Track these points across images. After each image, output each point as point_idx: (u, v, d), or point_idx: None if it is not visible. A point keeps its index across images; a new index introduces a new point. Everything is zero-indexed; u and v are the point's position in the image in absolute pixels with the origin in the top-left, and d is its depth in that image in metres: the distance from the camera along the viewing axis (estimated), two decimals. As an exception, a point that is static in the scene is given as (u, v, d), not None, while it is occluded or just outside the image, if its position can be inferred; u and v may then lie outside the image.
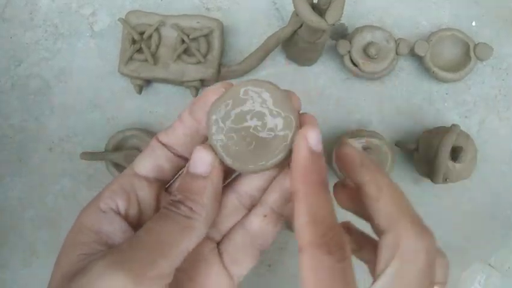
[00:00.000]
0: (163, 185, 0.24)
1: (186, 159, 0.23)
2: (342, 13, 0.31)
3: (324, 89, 0.41)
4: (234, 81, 0.26)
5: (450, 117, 0.41)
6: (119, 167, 0.38)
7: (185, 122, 0.22)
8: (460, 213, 0.40)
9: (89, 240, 0.20)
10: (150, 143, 0.23)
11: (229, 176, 0.25)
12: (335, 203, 0.22)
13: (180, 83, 0.39)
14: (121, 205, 0.22)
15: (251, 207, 0.24)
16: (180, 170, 0.24)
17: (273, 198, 0.23)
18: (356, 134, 0.37)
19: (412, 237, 0.19)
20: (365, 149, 0.37)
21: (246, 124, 0.21)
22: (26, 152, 0.41)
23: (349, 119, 0.41)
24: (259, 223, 0.23)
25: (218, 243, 0.24)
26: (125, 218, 0.22)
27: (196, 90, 0.39)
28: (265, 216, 0.23)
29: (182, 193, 0.21)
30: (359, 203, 0.22)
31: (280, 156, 0.21)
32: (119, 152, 0.38)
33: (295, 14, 0.34)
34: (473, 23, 0.41)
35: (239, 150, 0.21)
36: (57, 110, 0.41)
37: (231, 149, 0.21)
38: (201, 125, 0.22)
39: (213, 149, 0.21)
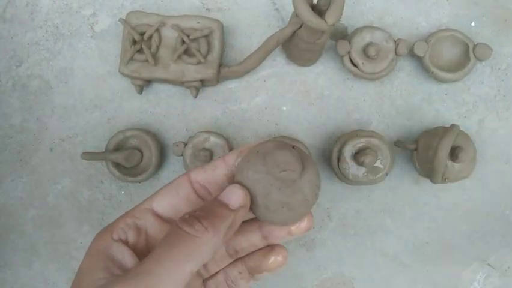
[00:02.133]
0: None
1: (204, 200, 0.25)
2: (341, 14, 0.31)
3: (324, 89, 0.41)
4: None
5: (449, 117, 0.41)
6: (120, 167, 0.38)
7: (229, 164, 0.24)
8: (459, 213, 0.41)
9: (105, 265, 0.22)
10: (177, 180, 0.25)
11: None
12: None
13: (180, 83, 0.39)
14: (131, 238, 0.23)
15: (234, 256, 0.27)
16: (193, 206, 0.25)
17: (250, 263, 0.26)
18: (356, 134, 0.38)
19: None
20: (365, 149, 0.37)
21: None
22: (27, 152, 0.41)
23: (349, 119, 0.41)
24: (235, 274, 0.27)
25: (203, 280, 0.27)
26: (133, 248, 0.23)
27: (197, 90, 0.39)
28: (240, 272, 0.26)
29: (203, 212, 0.21)
30: None
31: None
32: (120, 152, 0.38)
33: (295, 14, 0.34)
34: (473, 24, 0.41)
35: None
36: (58, 110, 0.41)
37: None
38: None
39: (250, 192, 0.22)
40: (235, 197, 0.22)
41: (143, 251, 0.24)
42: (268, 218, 0.23)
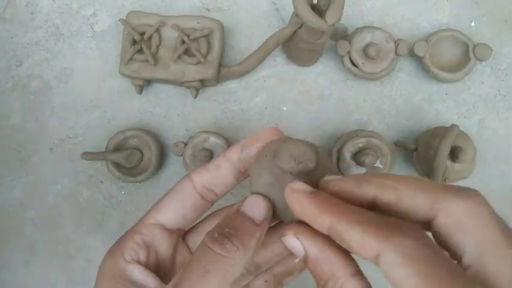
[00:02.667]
0: (182, 232, 0.25)
1: (211, 203, 0.24)
2: (341, 14, 0.31)
3: (324, 89, 0.41)
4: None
5: (449, 117, 0.41)
6: (120, 167, 0.38)
7: (233, 161, 0.23)
8: (459, 213, 0.40)
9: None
10: (180, 186, 0.23)
11: None
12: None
13: (180, 84, 0.39)
14: (142, 257, 0.23)
15: (254, 273, 0.25)
16: (201, 215, 0.24)
17: (278, 270, 0.25)
18: (356, 134, 0.37)
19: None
20: (365, 149, 0.37)
21: None
22: (27, 152, 0.41)
23: (349, 119, 0.41)
24: (260, 284, 0.26)
25: None
26: (146, 266, 0.23)
27: (197, 90, 0.39)
28: (266, 281, 0.25)
29: (231, 228, 0.20)
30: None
31: None
32: (120, 152, 0.38)
33: (295, 14, 0.34)
34: (473, 24, 0.41)
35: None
36: (58, 111, 0.41)
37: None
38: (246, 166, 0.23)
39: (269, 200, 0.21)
40: (259, 209, 0.21)
41: (155, 269, 0.23)
42: (293, 217, 0.21)
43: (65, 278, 0.40)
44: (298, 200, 0.19)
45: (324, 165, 0.22)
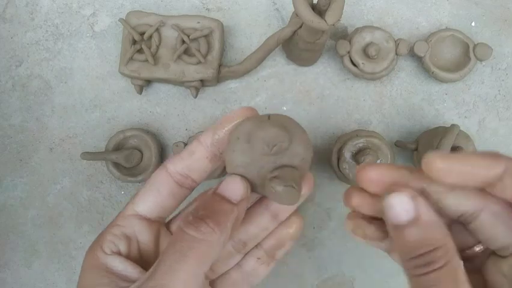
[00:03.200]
0: (163, 220, 0.25)
1: (190, 189, 0.24)
2: (341, 13, 0.31)
3: (324, 89, 0.41)
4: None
5: (449, 117, 0.41)
6: (120, 167, 0.38)
7: (207, 145, 0.23)
8: (459, 213, 0.40)
9: (109, 280, 0.21)
10: (156, 176, 0.23)
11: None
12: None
13: (180, 83, 0.39)
14: (123, 249, 0.23)
15: (243, 251, 0.25)
16: (180, 202, 0.24)
17: (268, 244, 0.25)
18: (356, 134, 0.37)
19: None
20: (365, 149, 0.37)
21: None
22: (27, 152, 0.41)
23: (349, 119, 0.41)
24: (253, 263, 0.25)
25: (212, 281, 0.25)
26: (127, 257, 0.23)
27: (196, 90, 0.39)
28: (258, 258, 0.25)
29: (206, 210, 0.20)
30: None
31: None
32: (120, 152, 0.38)
33: (295, 14, 0.34)
34: (473, 24, 0.41)
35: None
36: (58, 110, 0.41)
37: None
38: (222, 149, 0.22)
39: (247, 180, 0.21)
40: (235, 189, 0.21)
41: (137, 259, 0.23)
42: (274, 198, 0.22)
43: (65, 277, 0.40)
44: (380, 172, 0.20)
45: (297, 139, 0.22)
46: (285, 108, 0.41)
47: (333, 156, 0.38)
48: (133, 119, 0.41)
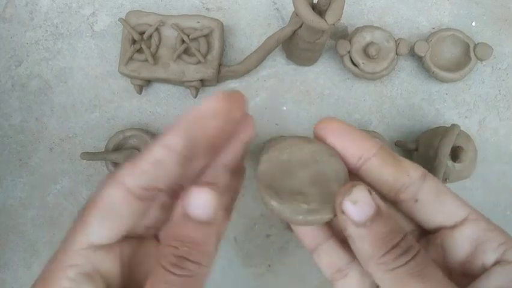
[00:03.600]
0: (127, 238, 0.20)
1: (155, 199, 0.20)
2: (342, 13, 0.31)
3: (324, 89, 0.41)
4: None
5: (450, 117, 0.41)
6: (119, 167, 0.38)
7: (176, 149, 0.18)
8: (459, 213, 0.40)
9: None
10: (107, 194, 0.19)
11: None
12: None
13: (180, 83, 0.39)
14: None
15: None
16: (145, 215, 0.20)
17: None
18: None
19: None
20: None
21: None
22: (27, 152, 0.41)
23: (349, 119, 0.41)
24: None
25: None
26: None
27: (196, 90, 0.39)
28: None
29: (184, 244, 0.18)
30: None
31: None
32: (119, 152, 0.38)
33: (295, 14, 0.34)
34: (473, 23, 0.41)
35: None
36: (58, 110, 0.41)
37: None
38: (194, 147, 0.19)
39: (216, 188, 0.18)
40: (204, 207, 0.18)
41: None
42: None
43: (65, 277, 0.40)
44: (340, 126, 0.20)
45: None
46: (285, 108, 0.41)
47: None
48: (132, 119, 0.41)
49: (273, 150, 0.20)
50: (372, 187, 0.19)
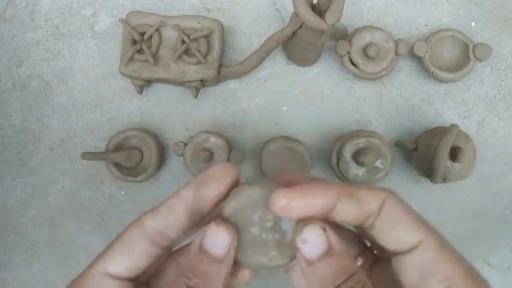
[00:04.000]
0: (136, 280, 0.23)
1: (164, 249, 0.22)
2: (341, 14, 0.31)
3: (324, 89, 0.41)
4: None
5: (449, 117, 0.41)
6: (120, 167, 0.39)
7: (187, 200, 0.21)
8: (459, 213, 0.41)
9: None
10: (129, 232, 0.21)
11: None
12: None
13: (181, 84, 0.39)
14: None
15: None
16: (153, 262, 0.22)
17: None
18: (356, 134, 0.38)
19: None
20: (365, 149, 0.37)
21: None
22: (27, 152, 0.41)
23: (348, 119, 0.41)
24: None
25: None
26: None
27: (197, 90, 0.39)
28: None
29: (197, 276, 0.19)
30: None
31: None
32: (120, 152, 0.38)
33: (295, 14, 0.34)
34: (473, 24, 0.41)
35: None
36: (58, 110, 0.41)
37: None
38: (204, 204, 0.21)
39: (232, 227, 0.20)
40: (220, 242, 0.19)
41: None
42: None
43: (65, 277, 0.40)
44: (293, 193, 0.19)
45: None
46: (285, 108, 0.41)
47: (333, 157, 0.38)
48: (133, 119, 0.41)
49: (228, 203, 0.21)
50: (341, 222, 0.20)
